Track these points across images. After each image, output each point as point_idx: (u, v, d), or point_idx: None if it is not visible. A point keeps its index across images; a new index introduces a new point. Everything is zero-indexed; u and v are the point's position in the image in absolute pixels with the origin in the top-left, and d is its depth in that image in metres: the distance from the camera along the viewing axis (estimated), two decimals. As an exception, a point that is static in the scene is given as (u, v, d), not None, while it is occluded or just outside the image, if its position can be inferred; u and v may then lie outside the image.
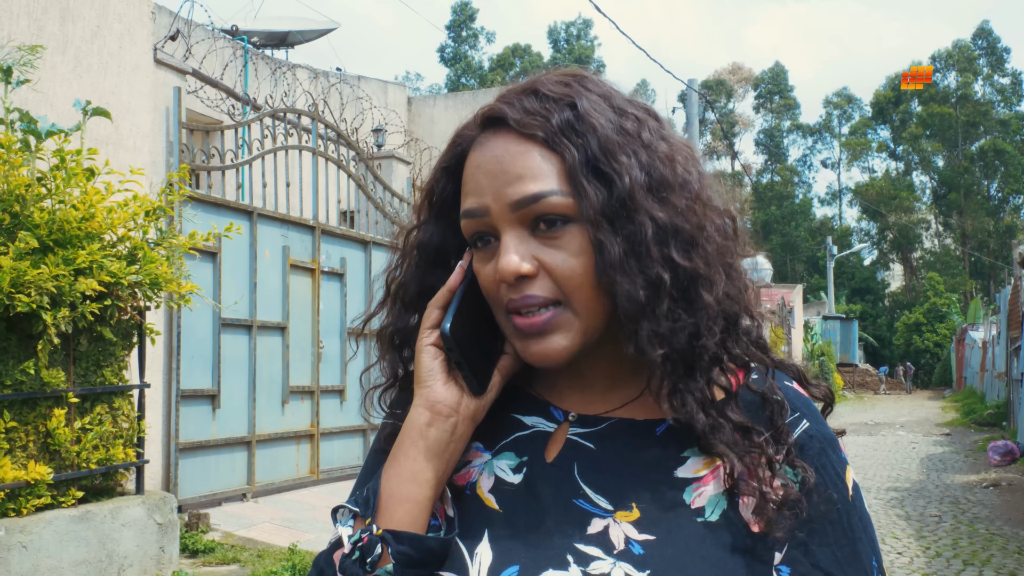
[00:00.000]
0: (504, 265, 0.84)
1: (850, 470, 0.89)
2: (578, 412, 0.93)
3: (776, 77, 59.87)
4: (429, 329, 0.90)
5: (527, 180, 0.84)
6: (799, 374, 0.94)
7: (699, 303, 0.84)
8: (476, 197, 0.87)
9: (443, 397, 0.88)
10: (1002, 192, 53.13)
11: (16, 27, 5.26)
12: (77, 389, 4.35)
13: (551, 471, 0.89)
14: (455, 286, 0.91)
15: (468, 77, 54.44)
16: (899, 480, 10.73)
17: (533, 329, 0.85)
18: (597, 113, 0.86)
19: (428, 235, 0.96)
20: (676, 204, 0.85)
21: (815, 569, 0.84)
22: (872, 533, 0.89)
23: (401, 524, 0.85)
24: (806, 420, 0.88)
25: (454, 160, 0.92)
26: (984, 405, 21.10)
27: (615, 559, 0.82)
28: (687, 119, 16.66)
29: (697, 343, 0.84)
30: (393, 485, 0.87)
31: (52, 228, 4.17)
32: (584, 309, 0.85)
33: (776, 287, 31.08)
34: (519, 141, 0.86)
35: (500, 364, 0.92)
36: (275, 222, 7.42)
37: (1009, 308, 15.65)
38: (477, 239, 0.89)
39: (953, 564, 6.40)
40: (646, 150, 0.86)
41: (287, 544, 5.68)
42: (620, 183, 0.83)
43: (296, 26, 14.19)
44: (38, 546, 4.06)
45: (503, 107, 0.88)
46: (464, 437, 0.90)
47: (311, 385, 7.84)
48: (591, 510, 0.86)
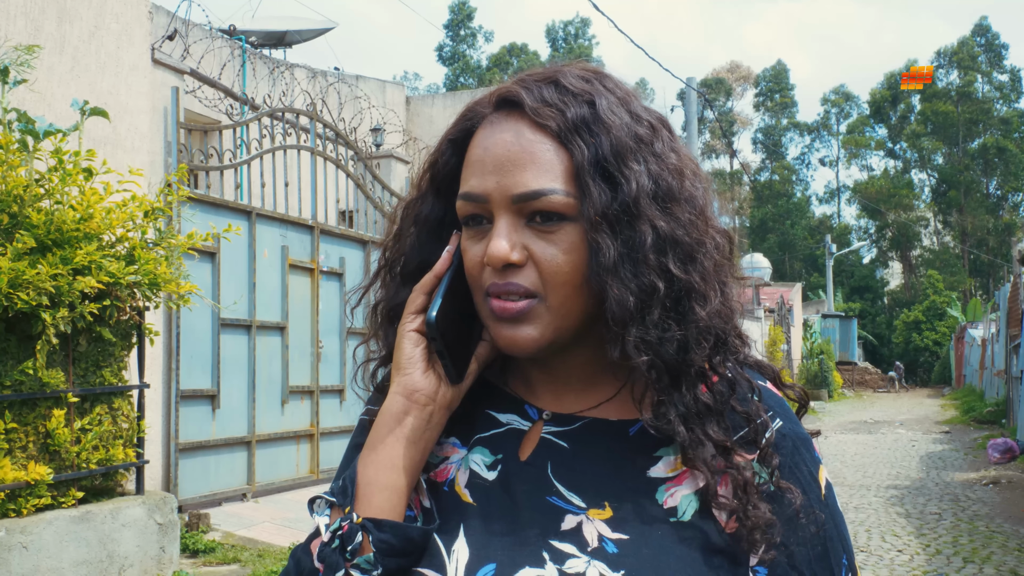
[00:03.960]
0: (494, 250, 0.83)
1: (823, 469, 0.90)
2: (553, 411, 0.92)
3: (777, 75, 59.85)
4: (413, 315, 0.90)
5: (532, 174, 0.83)
6: (775, 375, 0.95)
7: (691, 316, 0.84)
8: (479, 180, 0.86)
9: (421, 385, 0.88)
10: (1002, 190, 53.13)
11: (13, 27, 5.25)
12: (77, 389, 4.34)
13: (525, 469, 0.89)
14: (442, 272, 0.91)
15: (466, 76, 54.40)
16: (899, 478, 10.73)
17: (507, 314, 0.85)
18: (613, 115, 0.85)
19: (429, 208, 0.95)
20: (679, 216, 0.85)
21: (792, 570, 0.84)
22: (844, 531, 0.89)
23: (381, 512, 0.84)
24: (779, 419, 0.89)
25: (461, 134, 0.91)
26: (984, 403, 21.09)
27: (589, 557, 0.82)
28: (686, 117, 16.65)
29: (685, 356, 0.83)
30: (371, 473, 0.86)
31: (50, 228, 4.16)
32: (560, 307, 0.85)
33: (775, 285, 31.12)
34: (531, 129, 0.85)
35: (478, 352, 0.92)
36: (274, 222, 7.41)
37: (1009, 306, 15.66)
38: (470, 218, 0.88)
39: (953, 561, 6.40)
40: (656, 159, 0.86)
41: (287, 544, 5.68)
42: (627, 187, 0.83)
43: (294, 25, 14.16)
44: (38, 546, 4.06)
45: (521, 91, 0.87)
46: (439, 425, 0.90)
47: (311, 385, 7.83)
48: (564, 507, 0.86)
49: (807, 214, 57.03)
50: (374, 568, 0.82)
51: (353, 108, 12.05)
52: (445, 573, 0.84)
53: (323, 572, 0.83)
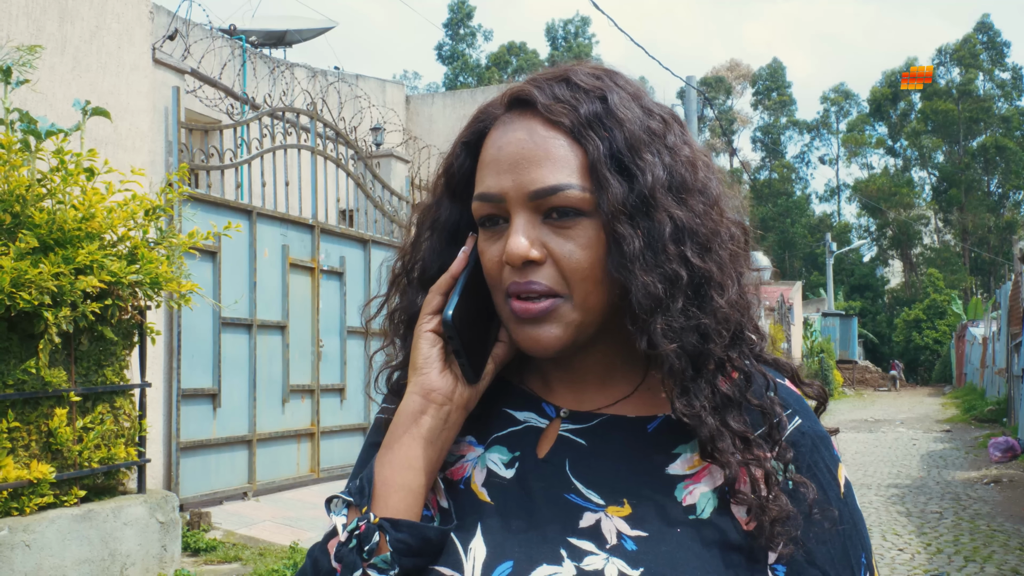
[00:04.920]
0: (513, 247, 0.83)
1: (842, 467, 0.90)
2: (570, 408, 0.92)
3: (774, 73, 59.81)
4: (430, 315, 0.90)
5: (547, 170, 0.84)
6: (793, 372, 0.95)
7: (711, 305, 0.84)
8: (495, 180, 0.86)
9: (438, 385, 0.88)
10: (1003, 188, 53.13)
11: (15, 27, 5.26)
12: (79, 388, 4.35)
13: (543, 467, 0.89)
14: (458, 272, 0.91)
15: (466, 75, 54.38)
16: (900, 477, 10.74)
17: (529, 315, 0.85)
18: (626, 109, 0.86)
19: (445, 213, 0.95)
20: (694, 207, 0.85)
21: (811, 567, 0.84)
22: (863, 529, 0.89)
23: (397, 512, 0.85)
24: (799, 417, 0.89)
25: (475, 136, 0.91)
26: (984, 401, 21.07)
27: (608, 554, 0.82)
28: (686, 116, 16.64)
29: (706, 345, 0.84)
30: (387, 473, 0.86)
31: (52, 228, 4.17)
32: (583, 303, 0.85)
33: (775, 284, 31.09)
34: (545, 126, 0.85)
35: (495, 352, 0.92)
36: (274, 221, 7.42)
37: (1010, 304, 15.65)
38: (486, 219, 0.88)
39: (955, 560, 6.40)
40: (670, 151, 0.86)
41: (288, 543, 5.69)
42: (642, 179, 0.83)
43: (294, 25, 14.16)
44: (41, 545, 4.07)
45: (533, 90, 0.87)
46: (456, 425, 0.90)
47: (311, 384, 7.84)
48: (582, 504, 0.86)
49: (807, 212, 57.02)
50: (391, 568, 0.82)
51: (353, 107, 12.06)
52: (462, 571, 0.84)
53: (340, 572, 0.83)
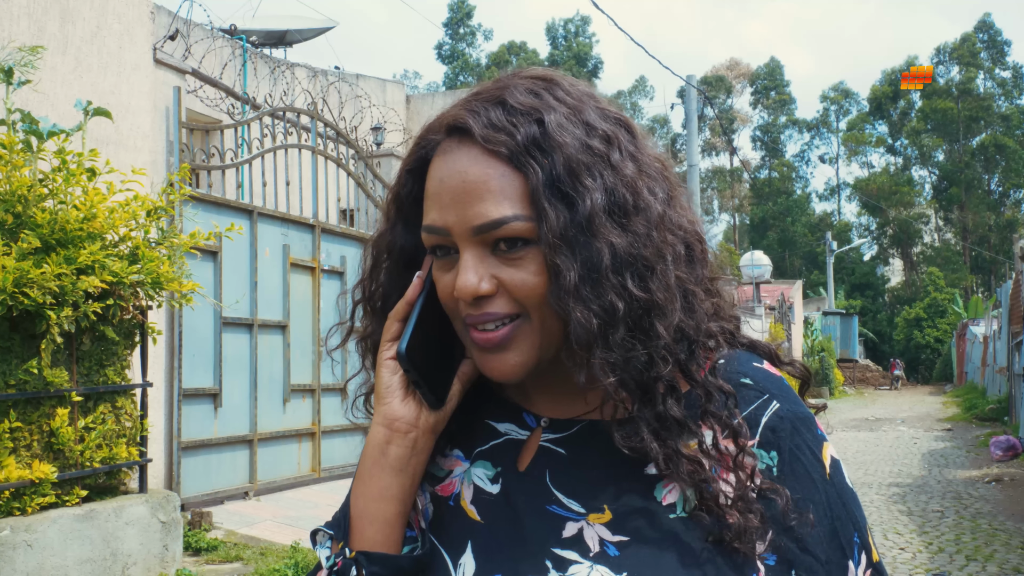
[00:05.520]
0: (463, 284, 0.82)
1: (827, 446, 0.88)
2: (550, 416, 0.92)
3: (772, 72, 59.80)
4: (389, 343, 0.90)
5: (490, 203, 0.82)
6: (771, 353, 0.93)
7: (653, 332, 0.82)
8: (438, 214, 0.84)
9: (401, 414, 0.88)
10: (1003, 187, 53.12)
11: (17, 28, 5.26)
12: (80, 388, 4.35)
13: (525, 480, 0.89)
14: (413, 298, 0.90)
15: (466, 74, 54.38)
16: (901, 476, 10.74)
17: (490, 344, 0.84)
18: (563, 132, 0.82)
19: (400, 238, 0.94)
20: (636, 230, 0.82)
21: (804, 554, 0.83)
22: (853, 508, 0.88)
23: (373, 544, 0.86)
24: (776, 401, 0.87)
25: (418, 163, 0.90)
26: (985, 400, 21.07)
27: (592, 562, 0.82)
28: (686, 115, 16.64)
29: (651, 372, 0.82)
30: (361, 505, 0.88)
31: (54, 228, 4.18)
32: (543, 325, 0.84)
33: (775, 283, 31.09)
34: (483, 156, 0.83)
35: (461, 371, 0.91)
36: (275, 221, 7.42)
37: (1010, 303, 15.66)
38: (437, 248, 0.87)
39: (956, 559, 6.41)
40: (612, 171, 0.83)
41: (289, 542, 5.70)
42: (582, 206, 0.80)
43: (294, 25, 14.17)
44: (43, 544, 4.07)
45: (468, 117, 0.84)
46: (426, 450, 0.90)
47: (312, 383, 7.84)
48: (564, 514, 0.86)
49: (807, 211, 57.00)
50: None
51: (354, 107, 12.06)
52: None
53: None
